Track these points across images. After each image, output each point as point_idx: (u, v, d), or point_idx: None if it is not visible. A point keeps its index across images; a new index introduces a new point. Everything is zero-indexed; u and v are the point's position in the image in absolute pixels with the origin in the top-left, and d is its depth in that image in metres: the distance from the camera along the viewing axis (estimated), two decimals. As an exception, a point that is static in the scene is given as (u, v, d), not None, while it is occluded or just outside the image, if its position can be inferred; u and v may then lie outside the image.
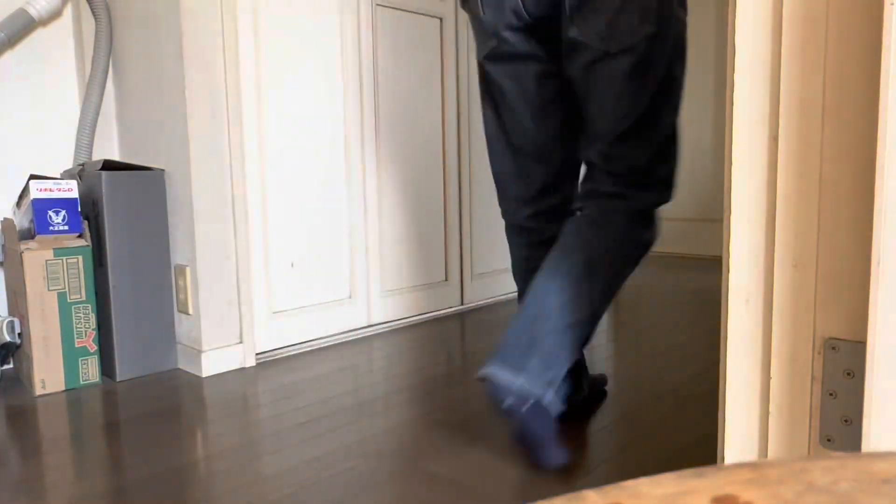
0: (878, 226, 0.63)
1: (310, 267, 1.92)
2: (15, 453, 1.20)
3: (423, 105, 2.21)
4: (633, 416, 1.30)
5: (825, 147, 0.70)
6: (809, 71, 0.71)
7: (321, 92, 1.91)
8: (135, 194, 1.63)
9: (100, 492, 1.04)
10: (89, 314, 1.59)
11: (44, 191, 1.53)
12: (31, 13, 1.67)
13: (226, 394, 1.50)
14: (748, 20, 0.74)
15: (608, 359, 1.71)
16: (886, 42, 0.61)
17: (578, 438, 1.20)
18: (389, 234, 2.14)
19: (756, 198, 0.75)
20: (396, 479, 1.05)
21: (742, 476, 0.23)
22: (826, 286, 0.72)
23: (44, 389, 1.54)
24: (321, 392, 1.49)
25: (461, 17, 2.31)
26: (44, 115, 1.77)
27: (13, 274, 1.60)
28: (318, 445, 1.20)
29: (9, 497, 1.03)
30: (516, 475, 1.06)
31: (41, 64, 1.76)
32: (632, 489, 0.23)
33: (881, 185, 0.62)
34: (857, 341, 0.70)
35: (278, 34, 1.79)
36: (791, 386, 0.75)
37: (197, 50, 1.60)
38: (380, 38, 2.05)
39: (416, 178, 2.22)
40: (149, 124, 1.74)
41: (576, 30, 1.08)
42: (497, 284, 2.56)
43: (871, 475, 0.23)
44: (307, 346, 1.89)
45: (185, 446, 1.21)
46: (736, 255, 0.77)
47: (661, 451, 1.14)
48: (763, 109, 0.74)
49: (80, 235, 1.59)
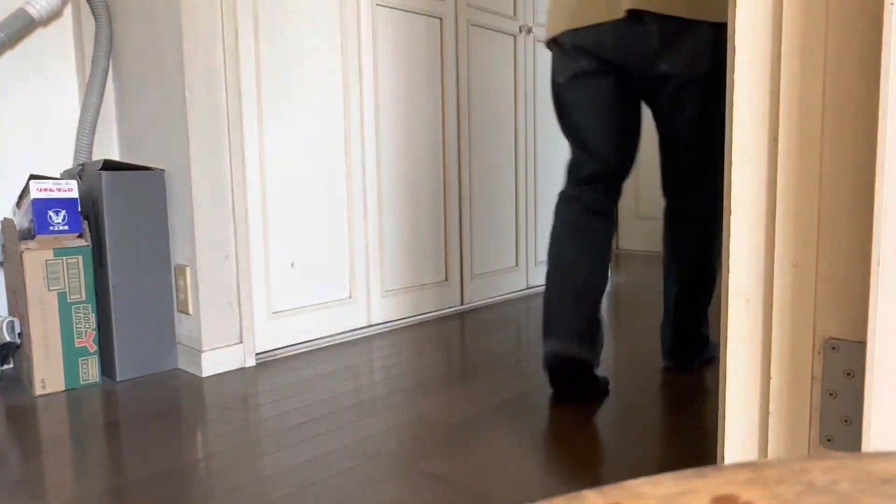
0: (878, 226, 0.63)
1: (310, 267, 1.92)
2: (15, 453, 1.20)
3: (423, 105, 2.22)
4: (633, 416, 1.30)
5: (825, 147, 0.70)
6: (809, 71, 0.71)
7: (321, 91, 1.91)
8: (135, 194, 1.63)
9: (100, 492, 1.04)
10: (89, 314, 1.59)
11: (44, 191, 1.53)
12: (31, 13, 1.67)
13: (226, 394, 1.51)
14: (748, 20, 0.74)
15: (608, 359, 1.71)
16: (886, 42, 0.61)
17: (579, 438, 1.20)
18: (389, 234, 2.14)
19: (756, 198, 0.75)
20: (396, 479, 1.05)
21: (742, 476, 0.23)
22: (826, 286, 0.72)
23: (44, 389, 1.54)
24: (321, 392, 1.49)
25: (461, 17, 2.31)
26: (44, 116, 1.77)
27: (13, 274, 1.60)
28: (318, 445, 1.20)
29: (9, 497, 1.03)
30: (516, 475, 1.06)
31: (41, 64, 1.76)
32: (632, 489, 0.23)
33: (881, 185, 0.62)
34: (857, 341, 0.70)
35: (278, 34, 1.79)
36: (791, 386, 0.75)
37: (197, 50, 1.60)
38: (380, 38, 2.05)
39: (416, 179, 2.22)
40: (149, 124, 1.74)
41: (665, 65, 1.32)
42: (497, 284, 2.56)
43: (871, 475, 0.23)
44: (307, 346, 1.89)
45: (185, 446, 1.21)
46: (736, 255, 0.77)
47: (661, 451, 1.14)
48: (763, 109, 0.74)
49: (80, 235, 1.59)
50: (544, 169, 2.76)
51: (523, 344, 1.88)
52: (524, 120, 2.63)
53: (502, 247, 2.59)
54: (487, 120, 2.48)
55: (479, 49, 2.41)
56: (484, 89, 2.45)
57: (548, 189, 2.79)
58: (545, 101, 2.73)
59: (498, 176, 2.55)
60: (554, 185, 2.81)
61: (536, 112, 2.69)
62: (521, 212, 2.66)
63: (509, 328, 2.07)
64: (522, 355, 1.76)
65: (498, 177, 2.55)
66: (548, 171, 2.78)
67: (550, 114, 2.77)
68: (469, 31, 2.36)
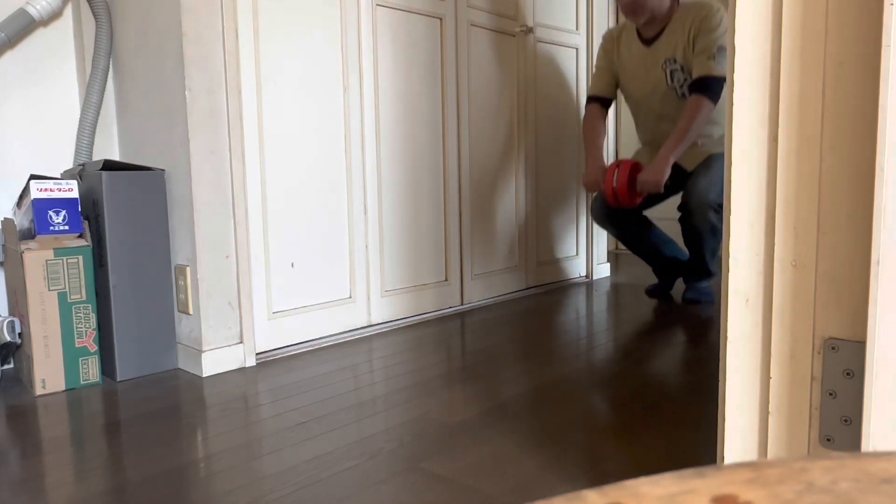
0: (878, 226, 0.63)
1: (310, 267, 1.92)
2: (15, 453, 1.20)
3: (423, 105, 2.22)
4: (632, 416, 1.30)
5: (825, 147, 0.70)
6: (809, 71, 0.71)
7: (321, 92, 1.91)
8: (135, 194, 1.63)
9: (100, 492, 1.04)
10: (89, 314, 1.59)
11: (44, 191, 1.54)
12: (31, 13, 1.67)
13: (226, 394, 1.51)
14: (748, 20, 0.74)
15: (609, 358, 1.71)
16: (886, 42, 0.61)
17: (579, 438, 1.20)
18: (389, 234, 2.14)
19: (756, 198, 0.75)
20: (396, 479, 1.06)
21: (742, 476, 0.23)
22: (826, 286, 0.72)
23: (44, 389, 1.54)
24: (321, 392, 1.49)
25: (461, 17, 2.32)
26: (44, 116, 1.77)
27: (13, 274, 1.60)
28: (318, 445, 1.20)
29: (9, 497, 1.03)
30: (516, 475, 1.06)
31: (41, 64, 1.76)
32: (632, 489, 0.23)
33: (881, 185, 0.62)
34: (856, 341, 0.70)
35: (278, 34, 1.79)
36: (791, 386, 0.75)
37: (197, 50, 1.60)
38: (380, 38, 2.05)
39: (416, 178, 2.22)
40: (149, 124, 1.74)
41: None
42: (497, 284, 2.56)
43: (871, 475, 0.23)
44: (307, 346, 1.89)
45: (185, 446, 1.21)
46: (735, 254, 0.77)
47: (661, 451, 1.14)
48: (763, 109, 0.74)
49: (81, 235, 1.59)
50: (545, 169, 2.76)
51: (523, 344, 1.88)
52: (524, 120, 2.63)
53: (502, 247, 2.59)
54: (487, 120, 2.48)
55: (479, 49, 2.41)
56: (484, 89, 2.45)
57: (548, 189, 2.79)
58: (545, 101, 2.73)
59: (498, 176, 2.55)
60: (554, 186, 2.82)
61: (537, 112, 2.69)
62: (521, 212, 2.66)
63: (509, 328, 2.08)
64: (522, 355, 1.76)
65: (498, 176, 2.55)
66: (548, 171, 2.78)
67: (551, 114, 2.77)
68: (469, 31, 2.36)
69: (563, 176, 2.85)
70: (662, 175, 2.16)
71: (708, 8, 2.19)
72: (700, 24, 2.18)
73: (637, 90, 2.38)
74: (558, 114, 2.81)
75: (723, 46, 2.15)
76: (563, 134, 2.84)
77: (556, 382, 1.52)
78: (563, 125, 2.84)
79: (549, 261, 2.83)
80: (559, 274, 2.88)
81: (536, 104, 2.69)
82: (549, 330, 2.04)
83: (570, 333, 1.99)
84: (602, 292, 2.67)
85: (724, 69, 2.12)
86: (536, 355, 1.75)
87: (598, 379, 1.55)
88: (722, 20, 2.17)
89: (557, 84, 2.79)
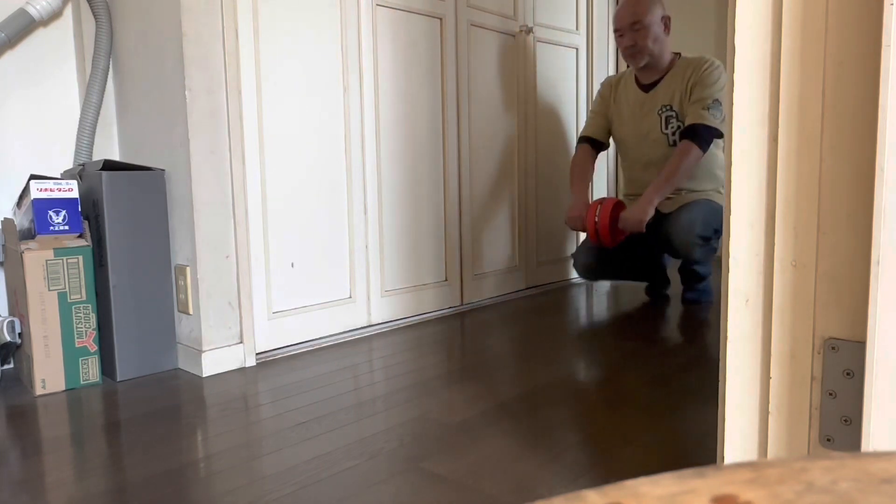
0: (877, 226, 0.63)
1: (310, 267, 1.92)
2: (15, 453, 1.20)
3: (423, 105, 2.22)
4: (633, 416, 1.30)
5: (825, 147, 0.70)
6: (809, 71, 0.71)
7: (321, 92, 1.91)
8: (135, 194, 1.63)
9: (100, 492, 1.04)
10: (89, 314, 1.59)
11: (44, 191, 1.54)
12: (31, 13, 1.67)
13: (226, 394, 1.51)
14: (748, 20, 0.74)
15: (609, 358, 1.71)
16: (886, 42, 0.61)
17: (578, 438, 1.20)
18: (389, 234, 2.14)
19: (756, 198, 0.75)
20: (396, 479, 1.06)
21: (742, 476, 0.23)
22: (826, 286, 0.72)
23: (44, 389, 1.54)
24: (321, 392, 1.49)
25: (461, 17, 2.32)
26: (44, 116, 1.77)
27: (13, 274, 1.60)
28: (318, 445, 1.20)
29: (9, 496, 1.03)
30: (516, 475, 1.06)
31: (41, 64, 1.76)
32: (632, 489, 0.23)
33: (881, 185, 0.62)
34: (856, 341, 0.70)
35: (278, 34, 1.79)
36: (791, 386, 0.75)
37: (197, 50, 1.60)
38: (380, 38, 2.05)
39: (416, 178, 2.22)
40: (149, 124, 1.74)
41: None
42: (497, 284, 2.56)
43: (871, 475, 0.23)
44: (307, 346, 1.89)
45: (185, 446, 1.21)
46: (735, 254, 0.77)
47: (661, 451, 1.14)
48: (763, 109, 0.74)
49: (81, 235, 1.59)
50: (544, 169, 2.76)
51: (523, 344, 1.88)
52: (524, 120, 2.63)
53: (502, 247, 2.59)
54: (487, 120, 2.48)
55: (479, 49, 2.41)
56: (484, 89, 2.45)
57: (548, 189, 2.79)
58: (545, 101, 2.73)
59: (498, 176, 2.55)
60: (554, 185, 2.82)
61: (537, 112, 2.69)
62: (521, 212, 2.66)
63: (509, 328, 2.08)
64: (522, 355, 1.76)
65: (498, 177, 2.55)
66: (548, 171, 2.78)
67: (551, 113, 2.77)
68: (469, 31, 2.36)
69: (563, 176, 2.85)
70: (646, 214, 2.15)
71: (709, 63, 2.23)
72: (700, 76, 2.21)
73: (630, 135, 2.39)
74: (558, 114, 2.81)
75: (718, 100, 2.17)
76: (562, 134, 2.84)
77: (556, 382, 1.52)
78: (563, 125, 2.85)
79: (549, 261, 2.83)
80: (559, 274, 2.88)
81: (536, 104, 2.69)
82: (549, 330, 2.04)
83: (569, 334, 1.99)
84: (602, 293, 2.67)
85: (718, 121, 2.14)
86: (536, 355, 1.75)
87: (597, 379, 1.55)
88: (721, 76, 2.21)
89: (557, 84, 2.79)
